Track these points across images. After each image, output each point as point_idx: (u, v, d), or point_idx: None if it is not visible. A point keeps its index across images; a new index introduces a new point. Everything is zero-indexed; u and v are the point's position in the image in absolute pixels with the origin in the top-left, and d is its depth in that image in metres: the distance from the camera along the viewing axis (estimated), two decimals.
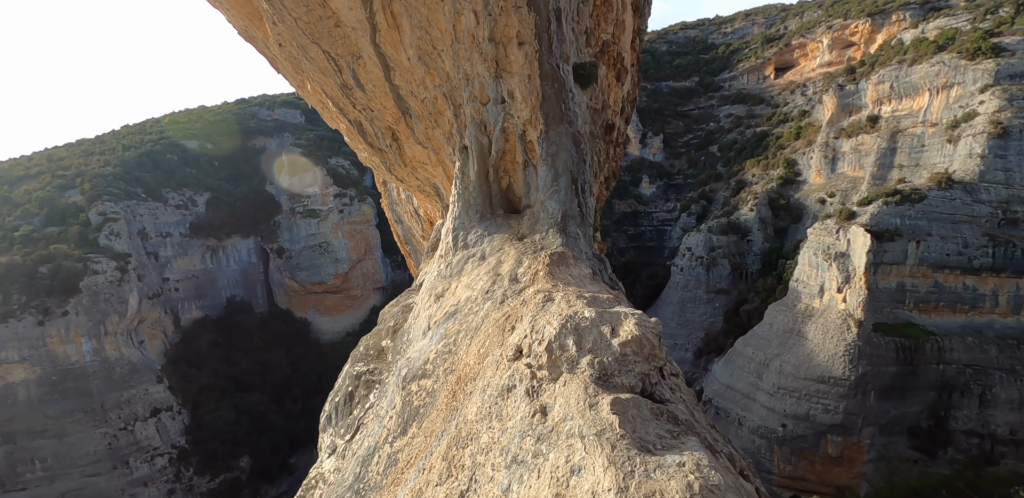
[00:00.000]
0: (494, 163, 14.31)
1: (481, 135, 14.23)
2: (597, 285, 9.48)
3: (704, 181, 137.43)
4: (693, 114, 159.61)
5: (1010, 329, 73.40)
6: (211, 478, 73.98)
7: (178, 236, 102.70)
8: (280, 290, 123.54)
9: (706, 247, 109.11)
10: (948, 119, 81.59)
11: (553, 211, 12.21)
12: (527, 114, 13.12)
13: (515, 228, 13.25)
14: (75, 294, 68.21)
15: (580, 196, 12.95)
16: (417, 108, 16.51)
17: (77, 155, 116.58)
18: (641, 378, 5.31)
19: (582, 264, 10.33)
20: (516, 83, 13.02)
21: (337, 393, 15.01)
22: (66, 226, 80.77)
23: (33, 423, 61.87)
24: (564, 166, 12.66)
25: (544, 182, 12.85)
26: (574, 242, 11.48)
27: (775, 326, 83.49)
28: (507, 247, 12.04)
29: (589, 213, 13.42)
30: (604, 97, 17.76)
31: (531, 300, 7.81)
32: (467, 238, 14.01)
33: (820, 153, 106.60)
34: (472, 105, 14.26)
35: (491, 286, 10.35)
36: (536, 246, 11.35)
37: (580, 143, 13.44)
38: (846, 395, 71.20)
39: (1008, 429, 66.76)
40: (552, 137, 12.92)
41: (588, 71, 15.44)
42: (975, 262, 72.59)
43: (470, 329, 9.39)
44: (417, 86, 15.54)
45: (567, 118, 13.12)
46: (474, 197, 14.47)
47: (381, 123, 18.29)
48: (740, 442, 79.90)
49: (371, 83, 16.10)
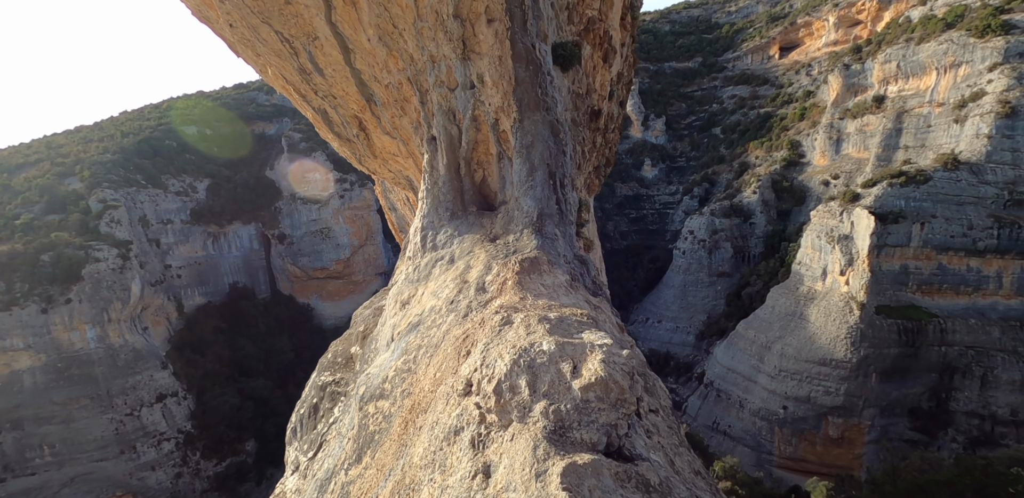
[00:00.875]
0: (465, 155, 13.09)
1: (450, 124, 12.99)
2: (573, 295, 8.56)
3: (707, 163, 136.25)
4: (696, 95, 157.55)
5: (1013, 311, 73.23)
6: (218, 462, 75.16)
7: (179, 223, 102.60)
8: (282, 276, 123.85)
9: (708, 230, 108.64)
10: (955, 99, 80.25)
11: (528, 209, 11.11)
12: (499, 100, 11.89)
13: (488, 227, 12.09)
14: (77, 282, 68.45)
15: (559, 191, 11.78)
16: (382, 94, 15.17)
17: (76, 142, 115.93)
18: (606, 431, 4.39)
19: (558, 270, 9.45)
20: (486, 65, 11.73)
21: (303, 404, 14.10)
22: (66, 214, 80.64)
23: (40, 410, 62.70)
24: (540, 159, 11.52)
25: (518, 177, 11.64)
26: (550, 244, 10.43)
27: (777, 309, 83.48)
28: (478, 250, 11.05)
29: (570, 210, 12.30)
30: (589, 80, 16.24)
31: (489, 321, 6.99)
32: (436, 239, 12.88)
33: (824, 134, 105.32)
34: (439, 91, 12.98)
35: (457, 295, 9.44)
36: (508, 249, 10.37)
37: (559, 132, 12.24)
38: (847, 377, 71.44)
39: (1009, 410, 67.04)
40: (527, 126, 11.69)
41: (569, 51, 13.93)
42: (980, 244, 72.09)
43: (431, 346, 8.59)
44: (380, 70, 14.19)
45: (544, 105, 11.90)
46: (444, 193, 13.22)
47: (346, 111, 16.95)
48: (741, 424, 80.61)
49: (331, 67, 14.77)
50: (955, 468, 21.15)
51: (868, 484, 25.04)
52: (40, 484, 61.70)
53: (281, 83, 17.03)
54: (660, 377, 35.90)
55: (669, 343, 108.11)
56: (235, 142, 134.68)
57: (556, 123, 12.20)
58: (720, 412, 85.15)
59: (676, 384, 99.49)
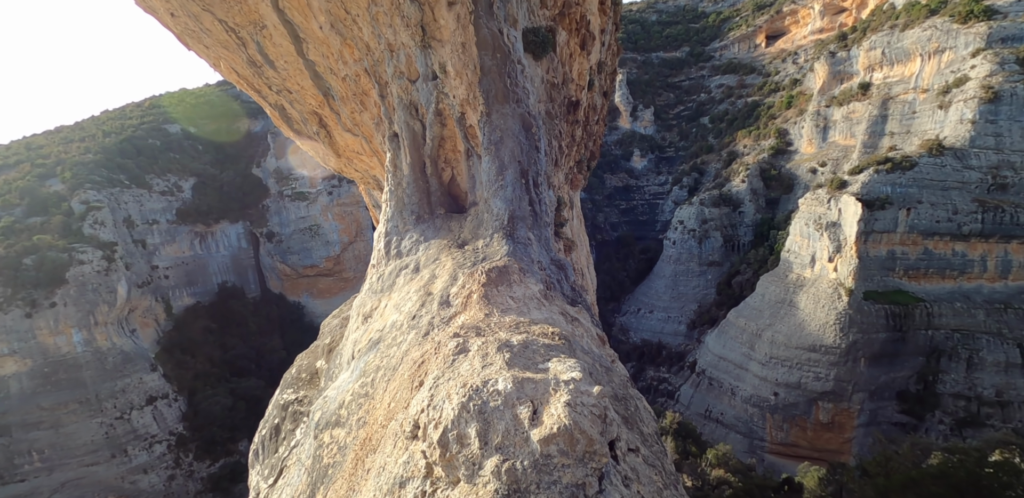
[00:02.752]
0: (431, 153, 12.05)
1: (412, 120, 12.00)
2: (546, 308, 7.83)
3: (695, 153, 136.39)
4: (684, 85, 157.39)
5: (997, 293, 74.17)
6: (211, 463, 74.84)
7: (165, 223, 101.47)
8: (272, 274, 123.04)
9: (698, 220, 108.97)
10: (939, 85, 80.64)
11: (498, 212, 10.19)
12: (463, 92, 10.93)
13: (456, 232, 11.21)
14: (62, 285, 67.52)
15: (532, 191, 10.79)
16: (339, 88, 14.18)
17: (56, 142, 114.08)
18: (571, 493, 3.67)
19: (531, 278, 8.63)
20: (448, 54, 10.78)
21: (265, 424, 13.21)
22: (48, 216, 79.41)
23: (27, 415, 62.01)
24: (511, 156, 10.52)
25: (487, 176, 10.64)
26: (523, 250, 9.58)
27: (767, 297, 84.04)
28: (444, 257, 10.20)
29: (545, 210, 11.30)
30: (565, 69, 14.98)
31: (444, 346, 6.20)
32: (400, 245, 11.92)
33: (811, 122, 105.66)
34: (399, 83, 11.97)
35: (419, 309, 8.70)
36: (477, 256, 9.59)
37: (531, 127, 11.15)
38: (837, 363, 72.18)
39: (994, 391, 68.06)
40: (495, 121, 10.70)
41: (542, 37, 12.76)
42: (964, 228, 72.79)
43: (389, 368, 7.87)
44: (335, 61, 13.21)
45: (514, 96, 10.91)
46: (408, 195, 12.17)
47: (303, 107, 15.88)
48: (733, 411, 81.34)
49: (282, 59, 13.75)
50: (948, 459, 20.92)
51: (859, 471, 25.24)
52: (30, 490, 61.14)
53: (235, 77, 16.09)
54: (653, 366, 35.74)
55: (661, 333, 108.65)
56: (220, 139, 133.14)
57: (528, 116, 11.21)
58: (712, 400, 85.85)
59: (668, 373, 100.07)
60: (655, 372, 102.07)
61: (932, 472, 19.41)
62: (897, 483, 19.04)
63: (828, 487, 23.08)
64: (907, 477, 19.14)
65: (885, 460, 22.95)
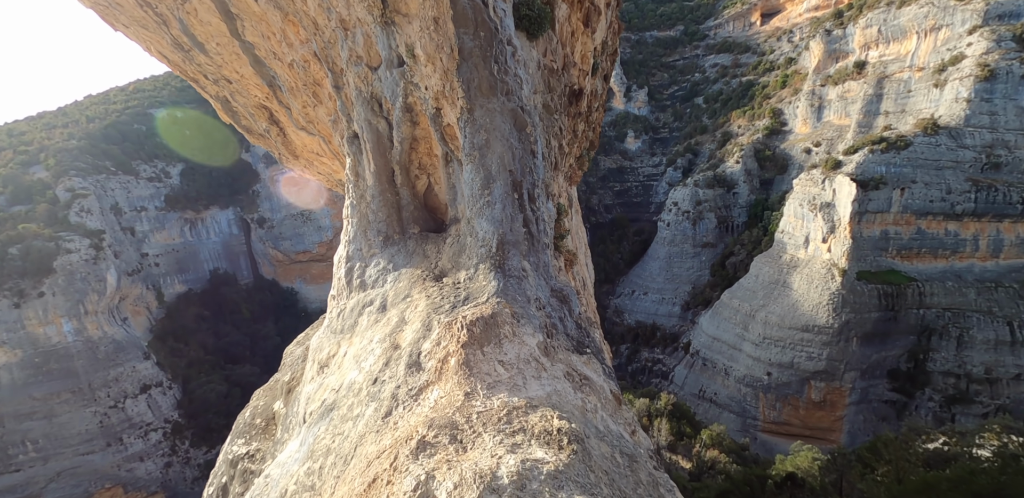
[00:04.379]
0: (400, 159, 9.99)
1: (375, 117, 9.91)
2: (546, 376, 6.29)
3: (690, 134, 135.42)
4: (678, 65, 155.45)
5: (988, 272, 74.61)
6: (207, 450, 75.19)
7: (153, 210, 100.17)
8: (264, 260, 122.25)
9: (692, 201, 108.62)
10: (935, 63, 79.80)
11: (485, 236, 8.25)
12: (438, 83, 8.81)
13: (433, 258, 9.27)
14: (49, 274, 66.63)
15: (527, 207, 8.83)
16: (286, 77, 11.92)
17: (39, 129, 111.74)
18: None
19: (526, 328, 6.97)
20: (417, 32, 8.67)
21: (211, 483, 11.52)
22: (33, 204, 78.09)
23: (20, 406, 61.75)
24: (500, 164, 8.53)
25: (470, 190, 8.66)
26: (516, 286, 7.76)
27: (761, 278, 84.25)
28: (417, 294, 8.37)
29: (544, 228, 9.28)
30: (566, 51, 12.49)
31: (400, 457, 4.62)
32: (365, 274, 9.98)
33: (806, 102, 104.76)
34: (356, 71, 9.80)
35: (382, 371, 7.04)
36: (458, 294, 7.82)
37: (525, 125, 9.05)
38: (829, 342, 72.73)
39: (984, 368, 68.88)
40: (479, 119, 8.62)
41: (538, 11, 10.47)
42: (958, 207, 72.81)
43: (340, 456, 6.37)
44: (278, 43, 11.00)
45: (503, 87, 8.81)
46: (374, 211, 10.16)
47: (248, 100, 13.62)
48: (727, 391, 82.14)
49: (213, 41, 11.59)
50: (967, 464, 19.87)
51: (854, 456, 25.27)
52: (25, 480, 61.21)
53: (168, 64, 13.87)
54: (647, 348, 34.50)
55: (655, 314, 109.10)
56: (207, 124, 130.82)
57: (520, 112, 9.03)
58: (706, 380, 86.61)
59: (663, 354, 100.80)
60: (649, 353, 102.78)
61: (950, 477, 18.47)
62: (911, 488, 18.28)
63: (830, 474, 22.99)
64: (922, 482, 18.37)
65: (883, 442, 22.93)
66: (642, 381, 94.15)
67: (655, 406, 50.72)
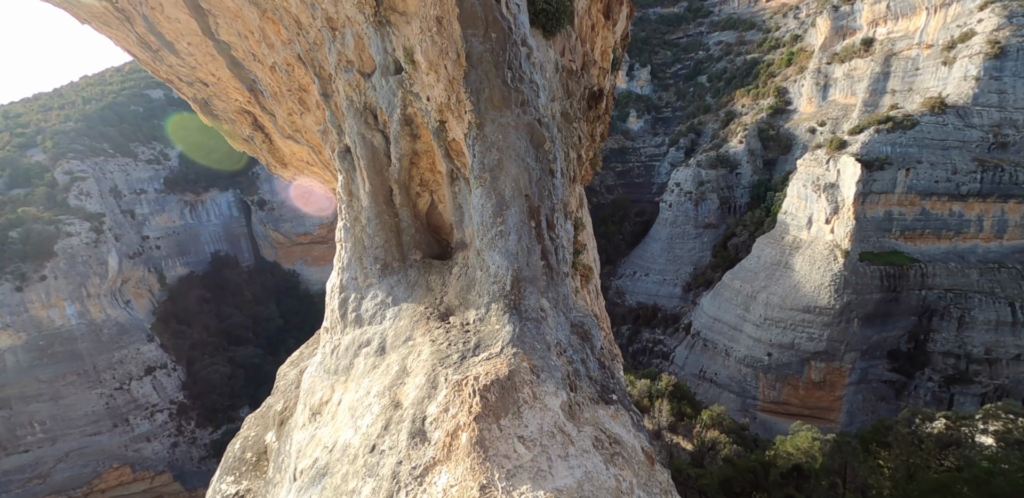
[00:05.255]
0: (399, 177, 8.99)
1: (370, 131, 8.88)
2: (574, 453, 5.59)
3: (693, 113, 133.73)
4: (682, 42, 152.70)
5: (992, 253, 74.34)
6: (213, 430, 76.35)
7: (153, 192, 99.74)
8: (265, 243, 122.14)
9: (695, 182, 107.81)
10: (944, 40, 78.17)
11: (497, 271, 7.29)
12: (442, 93, 7.79)
13: (437, 291, 8.27)
14: (51, 258, 66.71)
15: (546, 236, 7.80)
16: (268, 81, 10.74)
17: (35, 111, 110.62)
18: None
19: (547, 386, 6.08)
20: (416, 34, 7.61)
21: None
22: (32, 187, 77.78)
23: (26, 388, 62.51)
24: (515, 188, 7.57)
25: (481, 216, 7.68)
26: (534, 331, 6.84)
27: (762, 259, 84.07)
28: (420, 336, 7.49)
29: (564, 256, 8.24)
30: (585, 47, 11.04)
31: None
32: (361, 307, 9.01)
33: (812, 80, 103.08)
34: (346, 77, 8.77)
35: (381, 435, 6.28)
36: (467, 340, 6.90)
37: (543, 142, 8.02)
38: (830, 323, 72.89)
39: (983, 349, 69.12)
40: (491, 135, 7.61)
41: (556, 4, 9.27)
42: (963, 188, 72.17)
43: None
44: (257, 44, 9.86)
45: (517, 97, 7.74)
46: (370, 235, 9.18)
47: (228, 104, 12.52)
48: (727, 372, 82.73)
49: (184, 40, 10.41)
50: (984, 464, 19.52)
51: (857, 439, 25.36)
52: (35, 460, 62.35)
53: (139, 62, 12.65)
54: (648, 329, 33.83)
55: (656, 296, 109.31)
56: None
57: (538, 126, 7.94)
58: (707, 361, 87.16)
59: (664, 335, 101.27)
60: (650, 334, 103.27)
61: (967, 477, 18.04)
62: (927, 487, 18.03)
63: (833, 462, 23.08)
64: (938, 481, 18.10)
65: (884, 429, 22.92)
66: (643, 362, 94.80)
67: (656, 387, 51.05)
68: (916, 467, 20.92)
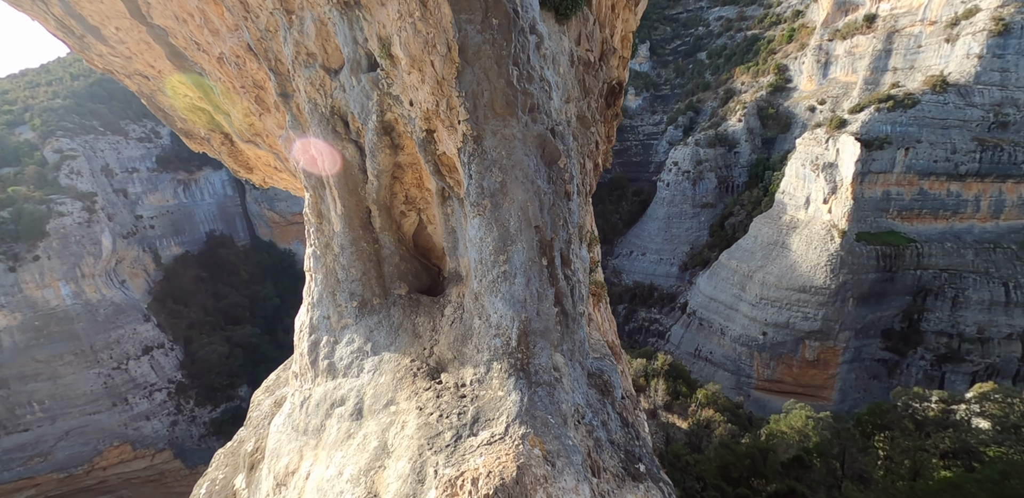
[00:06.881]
0: (378, 196, 7.48)
1: (339, 141, 7.36)
2: None
3: (692, 91, 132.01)
4: (681, 18, 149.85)
5: (988, 233, 74.52)
6: (212, 408, 77.01)
7: (145, 171, 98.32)
8: (260, 222, 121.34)
9: (693, 161, 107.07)
10: (948, 17, 76.81)
11: (500, 322, 5.92)
12: (428, 97, 6.22)
13: (426, 338, 6.94)
14: (43, 238, 66.04)
15: (560, 273, 6.36)
16: (219, 75, 9.01)
17: (22, 87, 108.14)
18: None
19: (564, 484, 4.88)
20: (393, 19, 5.97)
21: None
22: (21, 166, 76.44)
23: (23, 368, 62.68)
24: (522, 218, 6.06)
25: (480, 252, 6.19)
26: (546, 399, 5.56)
27: (759, 238, 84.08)
28: (404, 399, 6.22)
29: (580, 289, 6.75)
30: (604, 33, 9.17)
31: None
32: (334, 353, 7.63)
33: (813, 57, 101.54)
34: (308, 74, 7.20)
35: None
36: (463, 410, 5.66)
37: (557, 157, 6.48)
38: (826, 303, 73.35)
39: (976, 328, 69.85)
40: (492, 151, 6.07)
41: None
42: (961, 168, 71.89)
43: None
44: (198, 29, 8.17)
45: (526, 102, 6.17)
46: (344, 266, 7.66)
47: (176, 100, 11.10)
48: (722, 350, 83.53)
49: (110, 24, 8.70)
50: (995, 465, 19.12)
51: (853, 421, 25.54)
52: (35, 439, 62.94)
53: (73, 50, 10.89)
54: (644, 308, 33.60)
55: (653, 275, 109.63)
56: None
57: (550, 138, 6.37)
58: (702, 339, 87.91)
59: (660, 314, 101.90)
60: (647, 313, 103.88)
61: (978, 478, 17.80)
62: (937, 487, 17.82)
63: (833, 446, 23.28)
64: (948, 482, 17.86)
65: (882, 413, 23.07)
66: (639, 341, 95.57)
67: (652, 366, 51.48)
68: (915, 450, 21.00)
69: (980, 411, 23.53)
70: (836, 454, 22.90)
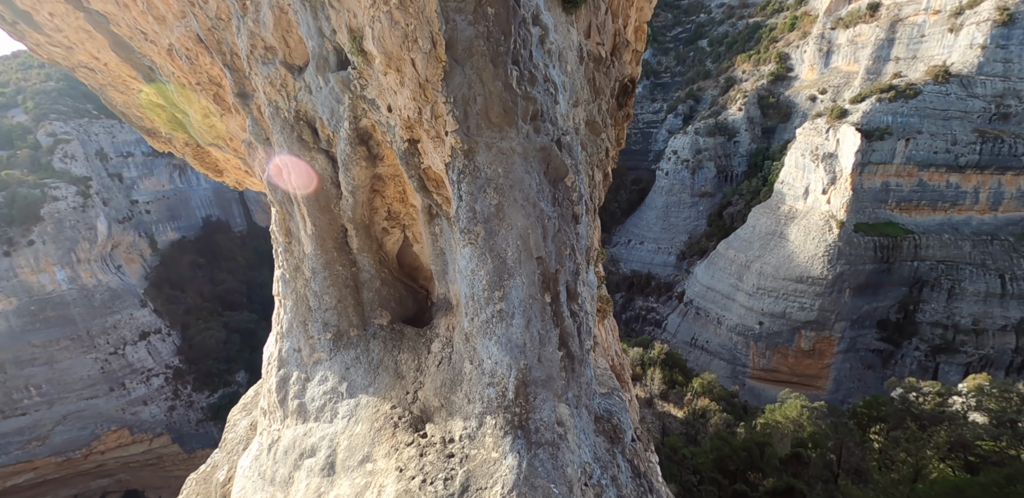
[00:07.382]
0: (354, 214, 6.54)
1: (306, 151, 6.39)
2: None
3: (692, 79, 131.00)
4: (683, 4, 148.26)
5: (986, 225, 74.66)
6: (210, 393, 77.23)
7: (140, 155, 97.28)
8: (257, 207, 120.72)
9: (692, 150, 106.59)
10: (952, 6, 76.08)
11: (495, 369, 5.11)
12: (409, 103, 5.21)
13: (409, 379, 6.08)
14: (38, 222, 65.49)
15: (566, 309, 5.52)
16: (171, 69, 7.89)
17: (14, 69, 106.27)
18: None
19: None
20: (365, 8, 4.92)
21: None
22: (14, 150, 75.48)
23: (20, 352, 62.58)
24: (521, 248, 5.19)
25: (472, 286, 5.30)
26: (548, 462, 4.80)
27: (758, 228, 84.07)
28: (383, 457, 5.38)
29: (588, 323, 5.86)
30: (617, 24, 8.07)
31: None
32: (305, 392, 6.75)
33: (815, 46, 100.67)
34: (266, 72, 6.17)
35: None
36: (450, 474, 4.91)
37: (564, 174, 5.59)
38: (822, 293, 73.60)
39: (971, 320, 70.30)
40: (485, 167, 5.15)
41: None
42: (961, 159, 71.74)
43: None
44: (142, 15, 7.06)
45: (528, 108, 5.27)
46: (316, 293, 6.70)
47: (129, 97, 9.69)
48: (719, 339, 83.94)
49: (43, 9, 7.61)
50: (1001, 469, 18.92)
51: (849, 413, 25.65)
52: (32, 423, 63.09)
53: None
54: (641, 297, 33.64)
55: (651, 264, 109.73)
56: None
57: (556, 151, 5.45)
58: (699, 328, 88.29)
59: (657, 303, 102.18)
60: (644, 302, 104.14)
61: (982, 482, 17.40)
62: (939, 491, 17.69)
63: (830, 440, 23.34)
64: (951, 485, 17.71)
65: (878, 405, 23.14)
66: (635, 329, 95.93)
67: (648, 355, 51.73)
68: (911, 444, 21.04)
69: (976, 405, 23.62)
70: (832, 448, 22.97)
